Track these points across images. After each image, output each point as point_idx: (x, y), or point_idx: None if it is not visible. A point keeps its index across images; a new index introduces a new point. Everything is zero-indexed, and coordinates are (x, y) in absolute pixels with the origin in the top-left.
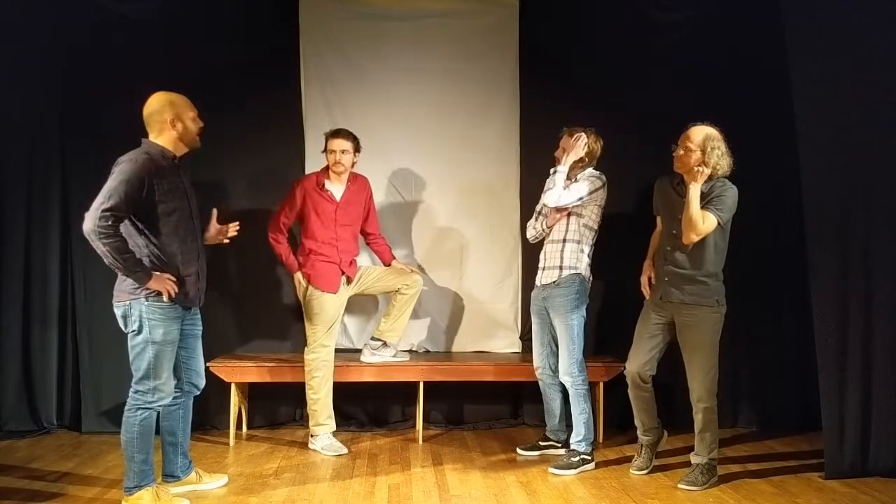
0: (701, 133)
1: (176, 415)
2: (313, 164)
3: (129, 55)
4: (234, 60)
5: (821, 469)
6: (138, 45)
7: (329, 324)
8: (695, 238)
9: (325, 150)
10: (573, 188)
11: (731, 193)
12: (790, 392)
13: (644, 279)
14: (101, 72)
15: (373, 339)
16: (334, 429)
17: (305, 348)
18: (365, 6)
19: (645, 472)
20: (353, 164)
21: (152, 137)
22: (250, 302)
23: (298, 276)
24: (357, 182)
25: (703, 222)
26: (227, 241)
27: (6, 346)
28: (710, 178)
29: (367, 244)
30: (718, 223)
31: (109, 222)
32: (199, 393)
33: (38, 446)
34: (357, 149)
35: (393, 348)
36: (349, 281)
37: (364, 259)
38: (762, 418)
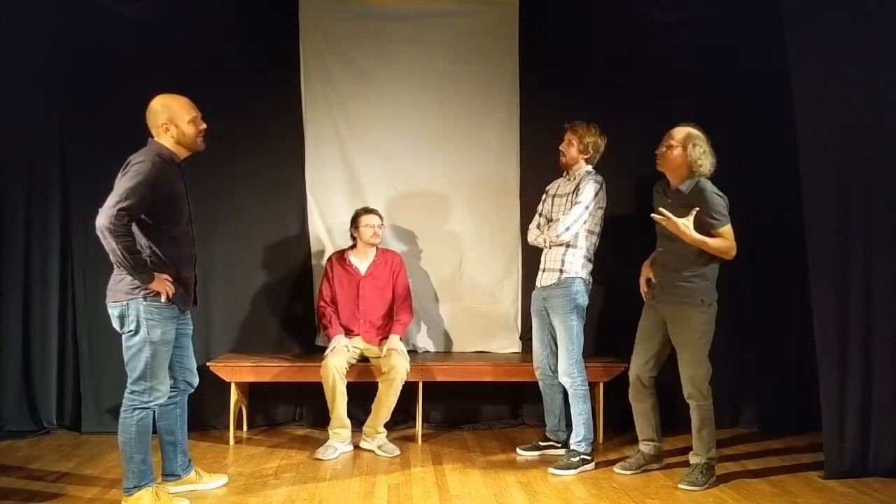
0: (683, 131)
1: (173, 414)
2: (313, 164)
3: (129, 55)
4: (234, 60)
5: (821, 469)
6: (138, 46)
7: (337, 347)
8: (734, 253)
9: (355, 228)
10: (575, 215)
11: (716, 199)
12: (790, 392)
13: (642, 280)
14: (101, 72)
15: (364, 438)
16: (340, 440)
17: None
18: (365, 6)
19: (629, 472)
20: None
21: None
22: (251, 301)
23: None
24: (386, 256)
25: (725, 239)
26: None
27: (6, 346)
28: (691, 175)
29: None
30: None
31: (124, 221)
32: (193, 391)
33: (38, 446)
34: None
35: (381, 438)
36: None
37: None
38: (762, 418)
